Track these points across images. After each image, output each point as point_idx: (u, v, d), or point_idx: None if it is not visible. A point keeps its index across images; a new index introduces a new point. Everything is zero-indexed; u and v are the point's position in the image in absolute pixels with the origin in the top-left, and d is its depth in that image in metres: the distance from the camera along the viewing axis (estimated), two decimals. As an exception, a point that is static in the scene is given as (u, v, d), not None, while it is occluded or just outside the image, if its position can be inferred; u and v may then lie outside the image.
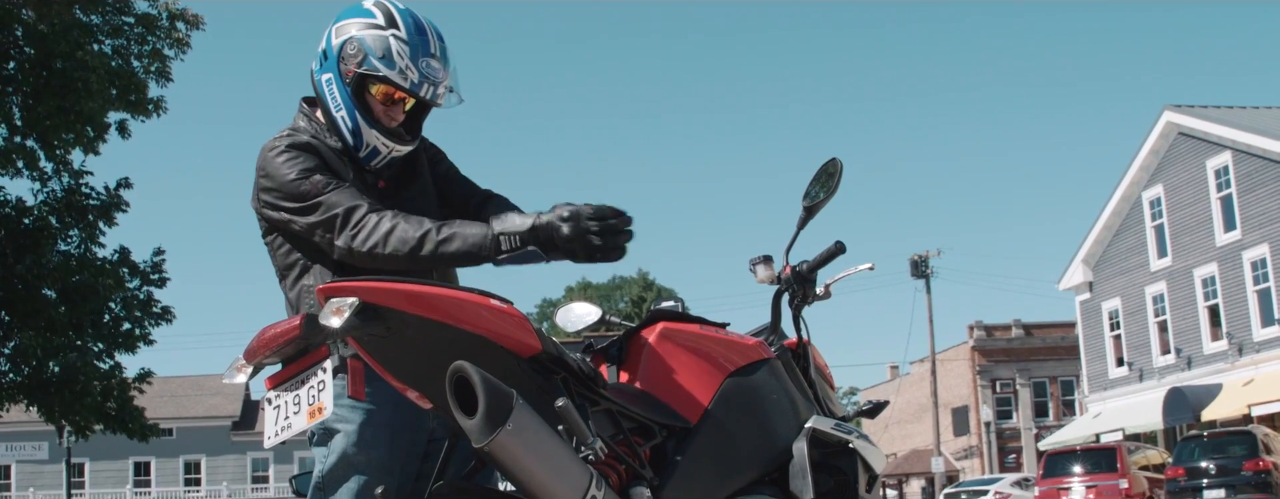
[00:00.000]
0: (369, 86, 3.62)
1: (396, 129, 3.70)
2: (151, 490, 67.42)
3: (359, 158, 3.68)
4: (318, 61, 3.70)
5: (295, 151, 3.58)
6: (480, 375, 2.81)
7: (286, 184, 3.53)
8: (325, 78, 3.66)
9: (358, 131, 3.64)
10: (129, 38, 21.81)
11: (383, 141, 3.66)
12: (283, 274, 3.68)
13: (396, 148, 3.69)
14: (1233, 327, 34.61)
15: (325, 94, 3.67)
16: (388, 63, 3.58)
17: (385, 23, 3.62)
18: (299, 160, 3.56)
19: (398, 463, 3.55)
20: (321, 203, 3.47)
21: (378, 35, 3.59)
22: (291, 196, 3.52)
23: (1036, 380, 58.58)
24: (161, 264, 22.32)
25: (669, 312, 3.79)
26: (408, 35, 3.60)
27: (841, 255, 4.13)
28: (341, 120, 3.65)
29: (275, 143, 3.62)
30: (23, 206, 21.46)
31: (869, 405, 4.56)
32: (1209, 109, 36.69)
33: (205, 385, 66.96)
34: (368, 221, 3.41)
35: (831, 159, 4.11)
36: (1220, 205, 34.94)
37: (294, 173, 3.53)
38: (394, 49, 3.58)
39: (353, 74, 3.61)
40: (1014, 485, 38.64)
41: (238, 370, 3.18)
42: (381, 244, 3.37)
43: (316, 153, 3.60)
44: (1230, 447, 24.92)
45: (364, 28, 3.61)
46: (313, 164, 3.56)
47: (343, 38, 3.63)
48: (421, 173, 3.84)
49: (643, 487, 3.26)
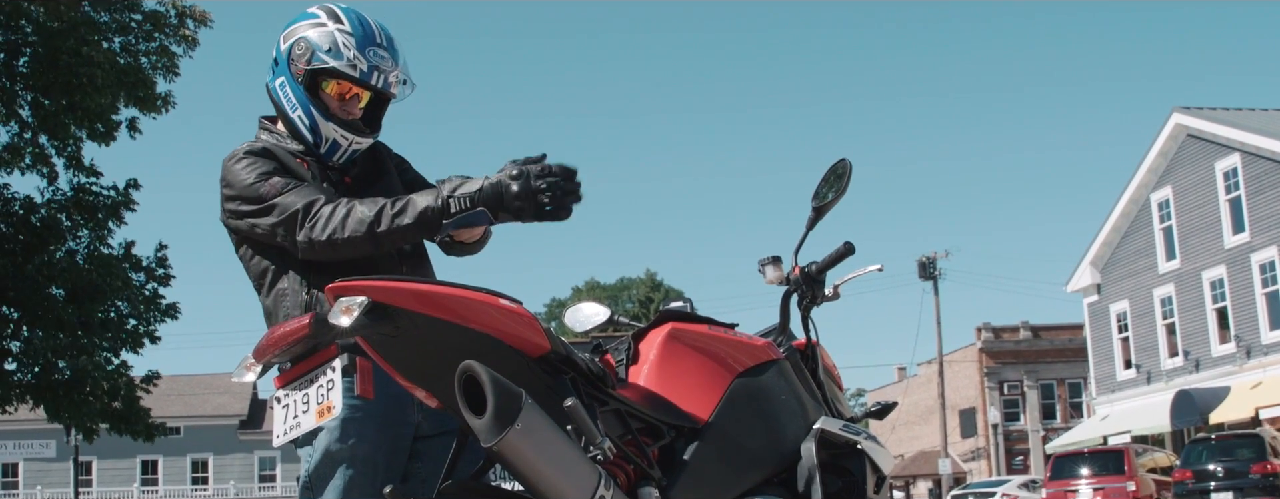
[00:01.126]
0: (322, 85, 3.67)
1: (354, 122, 3.72)
2: (159, 489, 67.54)
3: (321, 155, 3.71)
4: (269, 71, 3.74)
5: (252, 157, 3.61)
6: (489, 375, 2.81)
7: (245, 189, 3.55)
8: (278, 82, 3.70)
9: (315, 128, 3.67)
10: (137, 35, 21.83)
11: (341, 134, 3.68)
12: (257, 284, 3.69)
13: (356, 139, 3.71)
14: (1241, 329, 34.55)
15: (280, 98, 3.71)
16: (335, 55, 3.62)
17: (328, 19, 3.68)
18: (257, 165, 3.59)
19: (383, 457, 3.55)
20: (278, 204, 3.49)
21: (323, 31, 3.65)
22: (250, 200, 3.54)
23: (1044, 382, 58.50)
24: (165, 260, 22.32)
25: (678, 312, 3.79)
26: (352, 28, 3.66)
27: (850, 256, 4.13)
28: (299, 120, 3.68)
29: (233, 153, 3.66)
30: (31, 205, 21.49)
31: (877, 407, 4.56)
32: (1218, 111, 36.63)
33: (213, 384, 67.07)
34: (323, 212, 3.43)
35: (840, 160, 4.11)
36: (1229, 207, 34.88)
37: (252, 177, 3.56)
38: (340, 41, 3.63)
39: (303, 71, 3.65)
40: (1021, 487, 38.60)
41: (247, 369, 3.18)
42: (339, 229, 3.38)
43: (274, 157, 3.62)
44: (1238, 449, 24.90)
45: (309, 28, 3.68)
46: (270, 168, 3.59)
47: (289, 42, 3.69)
48: (387, 170, 3.87)
49: (651, 487, 3.25)
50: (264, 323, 3.68)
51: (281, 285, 3.61)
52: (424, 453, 3.68)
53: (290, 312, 3.57)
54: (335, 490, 3.51)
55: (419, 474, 3.63)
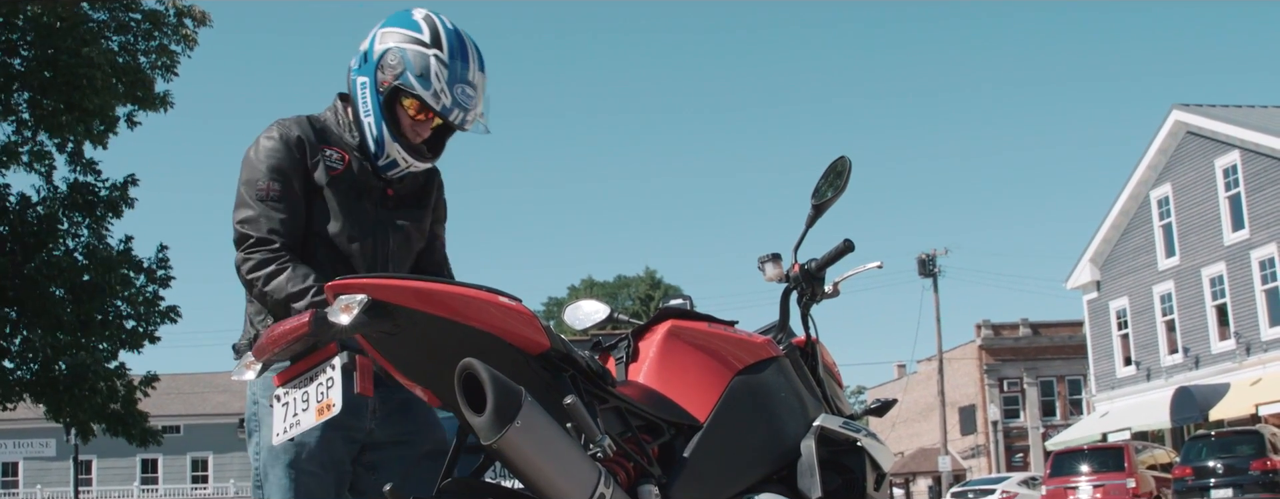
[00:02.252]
0: (401, 99, 3.64)
1: (419, 145, 3.72)
2: (158, 487, 67.57)
3: (376, 164, 3.71)
4: (357, 61, 3.71)
5: (281, 146, 3.63)
6: (489, 373, 2.80)
7: (253, 172, 3.60)
8: (361, 81, 3.68)
9: (381, 141, 3.67)
10: (136, 34, 21.82)
11: (403, 156, 3.69)
12: None
13: (416, 163, 3.72)
14: (1240, 326, 34.55)
15: (357, 96, 3.70)
16: (424, 82, 3.59)
17: (430, 41, 3.62)
18: (278, 156, 3.61)
19: (328, 456, 3.57)
20: (256, 208, 3.56)
21: (420, 52, 3.60)
22: (248, 186, 3.59)
23: (1044, 379, 58.51)
24: (166, 261, 22.30)
25: (677, 309, 3.79)
26: (449, 58, 3.61)
27: (850, 253, 4.13)
28: (368, 127, 3.68)
29: (276, 127, 3.67)
30: (28, 202, 21.47)
31: (877, 404, 4.56)
32: (1217, 108, 36.61)
33: (213, 383, 67.10)
34: (261, 256, 3.51)
35: (840, 157, 4.11)
36: (1228, 204, 34.87)
37: (265, 167, 3.60)
38: (433, 70, 3.59)
39: (388, 85, 3.63)
40: (1021, 484, 38.60)
41: (246, 368, 3.18)
42: (262, 281, 3.47)
43: (302, 151, 3.64)
44: (1238, 446, 24.88)
45: (408, 41, 3.62)
46: (285, 164, 3.61)
47: (386, 46, 3.64)
48: (427, 203, 3.88)
49: (651, 484, 3.25)
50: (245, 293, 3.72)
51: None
52: (381, 464, 3.69)
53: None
54: (283, 489, 3.54)
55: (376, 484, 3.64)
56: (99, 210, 21.56)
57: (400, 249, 3.76)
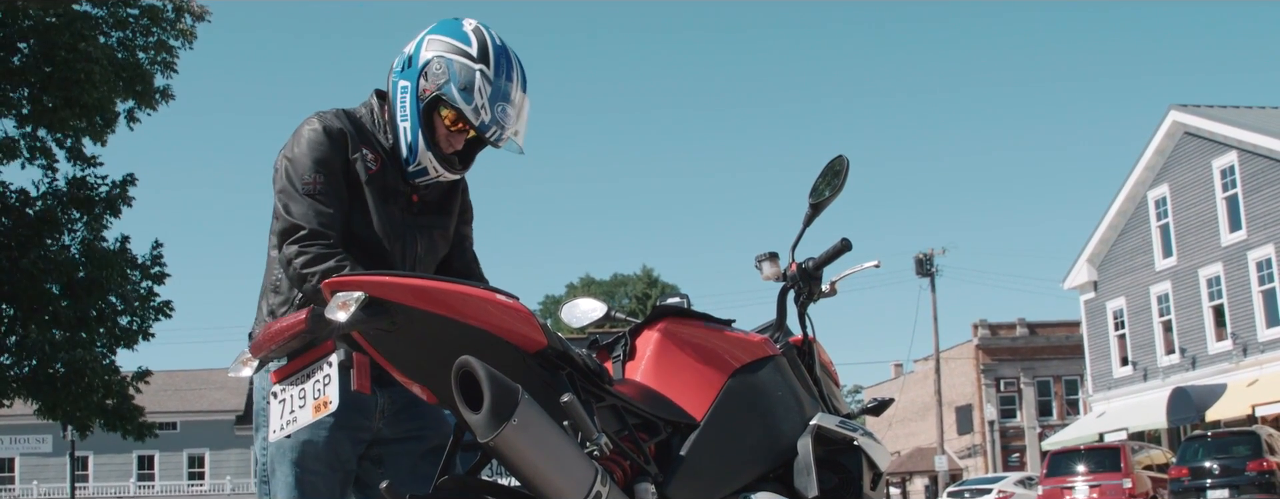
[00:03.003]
0: (440, 109, 3.64)
1: (451, 156, 3.72)
2: (155, 484, 67.54)
3: (405, 169, 3.70)
4: (401, 63, 3.69)
5: (326, 139, 3.60)
6: (486, 370, 2.80)
7: (298, 164, 3.56)
8: (402, 85, 3.67)
9: (415, 148, 3.66)
10: (134, 30, 21.81)
11: (435, 165, 3.68)
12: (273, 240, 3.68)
13: (445, 174, 3.71)
14: (1237, 327, 34.57)
15: (397, 99, 3.68)
16: (467, 97, 3.59)
17: (478, 55, 3.62)
18: (324, 149, 3.58)
19: (339, 456, 3.57)
20: (300, 204, 3.51)
21: (466, 66, 3.60)
22: (293, 177, 3.55)
23: (1041, 379, 58.54)
24: (160, 258, 22.30)
25: (674, 308, 3.78)
26: (494, 75, 3.61)
27: (847, 253, 4.13)
28: (404, 132, 3.67)
29: (317, 119, 3.64)
30: (27, 198, 21.45)
31: (873, 403, 4.56)
32: (1215, 109, 36.62)
33: (209, 379, 67.08)
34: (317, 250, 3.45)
35: (837, 156, 4.11)
36: (1226, 205, 34.89)
37: (311, 159, 3.56)
38: (477, 85, 3.59)
39: (430, 94, 3.62)
40: (1017, 484, 38.60)
41: (243, 364, 3.18)
42: (318, 276, 3.38)
43: (344, 146, 3.61)
44: (1234, 447, 24.91)
45: (455, 52, 3.62)
46: (329, 157, 3.58)
47: (432, 53, 3.64)
48: (452, 210, 3.87)
49: (647, 483, 3.25)
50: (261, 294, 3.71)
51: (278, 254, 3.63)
52: (387, 459, 3.69)
53: (278, 284, 3.63)
54: (288, 486, 3.53)
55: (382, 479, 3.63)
56: (97, 208, 21.56)
57: (427, 254, 3.76)
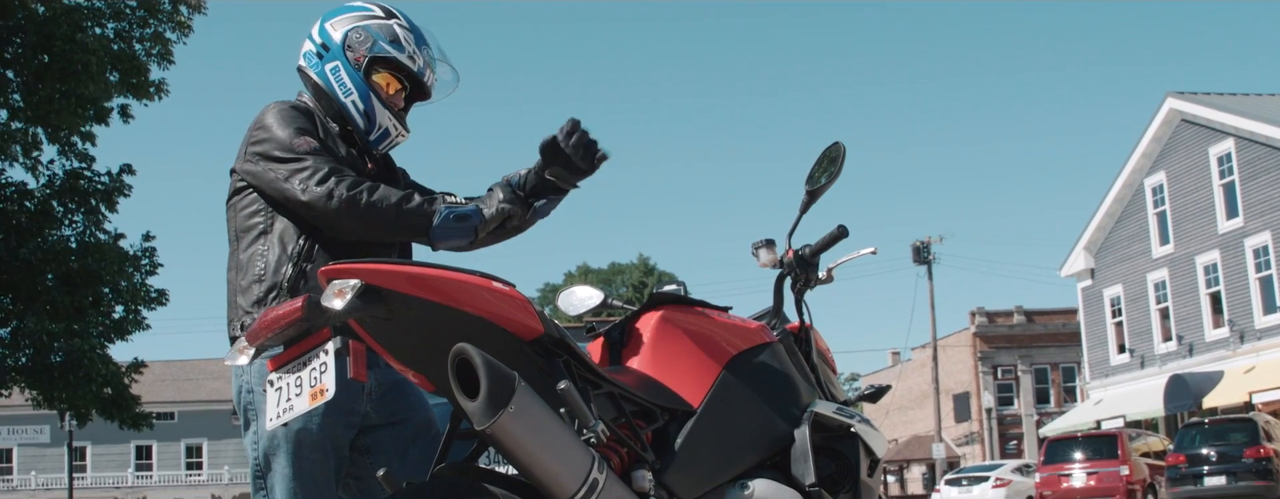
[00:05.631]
0: (373, 74, 3.71)
1: (400, 114, 3.78)
2: (153, 474, 67.58)
3: (367, 141, 3.74)
4: (315, 52, 3.75)
5: (295, 113, 3.66)
6: (483, 358, 2.80)
7: (280, 133, 3.59)
8: (330, 67, 3.72)
9: (373, 114, 3.71)
10: (131, 21, 21.77)
11: (393, 123, 3.74)
12: (238, 236, 3.69)
13: (402, 131, 3.78)
14: (1234, 314, 34.60)
15: (333, 83, 3.72)
16: (397, 47, 3.69)
17: (384, 14, 3.75)
18: (297, 119, 3.63)
19: (333, 444, 3.57)
20: (307, 158, 3.53)
21: (382, 24, 3.71)
22: (282, 147, 3.56)
23: (1038, 367, 58.59)
24: (152, 251, 22.29)
25: (671, 295, 3.78)
26: (409, 25, 3.75)
27: (844, 240, 4.13)
28: (354, 105, 3.71)
29: (276, 104, 3.70)
30: (25, 191, 21.43)
31: (871, 390, 4.56)
32: (1212, 96, 36.61)
33: (207, 369, 67.07)
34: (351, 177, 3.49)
35: (834, 143, 4.10)
36: (1223, 192, 34.90)
37: (291, 128, 3.60)
38: (401, 36, 3.71)
39: (364, 58, 3.69)
40: (1015, 472, 38.59)
41: (240, 353, 3.18)
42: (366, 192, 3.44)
43: (314, 121, 3.67)
44: (1231, 434, 24.94)
45: (365, 18, 3.73)
46: (310, 127, 3.63)
47: (344, 29, 3.72)
48: (396, 176, 3.91)
49: (644, 470, 3.26)
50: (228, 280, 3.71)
51: (260, 247, 3.63)
52: (375, 447, 3.69)
53: (262, 274, 3.60)
54: (286, 477, 3.53)
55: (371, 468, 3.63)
56: (93, 200, 21.54)
57: None
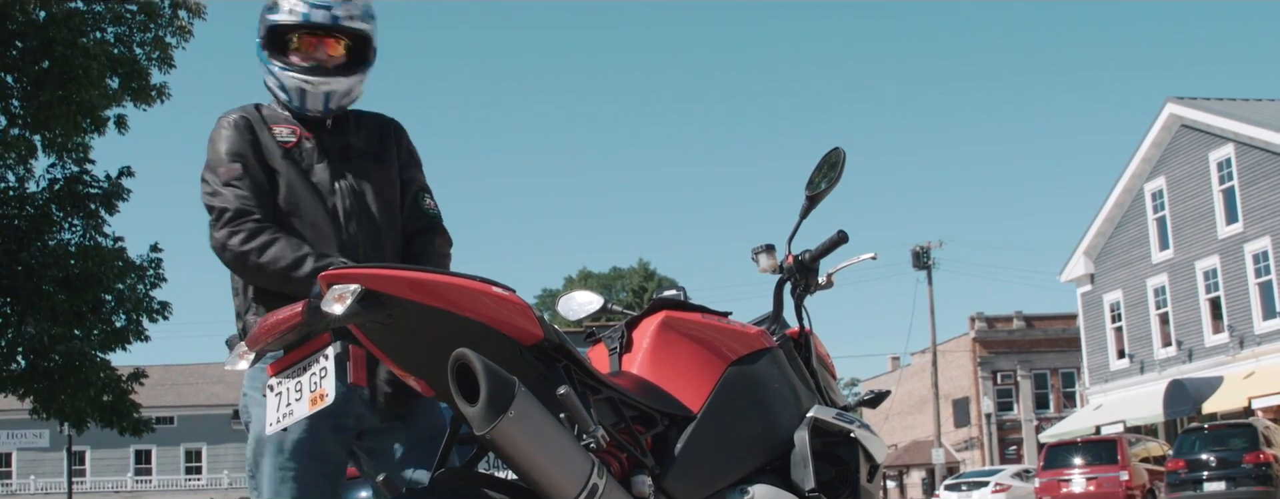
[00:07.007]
0: (288, 46, 3.73)
1: (315, 65, 3.72)
2: (152, 478, 67.51)
3: (306, 108, 3.74)
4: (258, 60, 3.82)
5: (228, 130, 3.69)
6: (483, 363, 2.80)
7: (210, 158, 3.66)
8: (260, 62, 3.78)
9: (282, 85, 3.72)
10: (131, 25, 21.75)
11: (304, 80, 3.70)
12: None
13: (323, 81, 3.71)
14: (1234, 319, 34.58)
15: (264, 75, 3.78)
16: (273, 10, 3.72)
17: None
18: (229, 140, 3.67)
19: (319, 448, 3.54)
20: (224, 192, 3.59)
21: (267, 3, 3.76)
22: (211, 170, 3.65)
23: (1037, 372, 58.57)
24: (158, 263, 22.24)
25: (671, 300, 3.78)
26: None
27: (844, 245, 4.13)
28: (275, 88, 3.75)
29: (221, 118, 3.74)
30: (24, 195, 21.40)
31: (870, 395, 4.56)
32: (1212, 101, 36.61)
33: (206, 373, 67.03)
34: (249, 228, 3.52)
35: (834, 149, 4.11)
36: (1222, 198, 34.88)
37: (220, 150, 3.65)
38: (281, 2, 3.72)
39: (260, 39, 3.74)
40: (1014, 477, 38.60)
41: (239, 357, 3.17)
42: (255, 253, 3.48)
43: (251, 131, 3.68)
44: (1231, 439, 24.92)
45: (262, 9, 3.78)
46: (240, 147, 3.65)
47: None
48: (390, 159, 3.85)
49: (644, 475, 3.25)
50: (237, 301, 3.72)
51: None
52: (377, 451, 3.67)
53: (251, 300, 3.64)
54: (268, 478, 3.52)
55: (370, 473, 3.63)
56: (93, 205, 21.50)
57: (376, 200, 3.74)
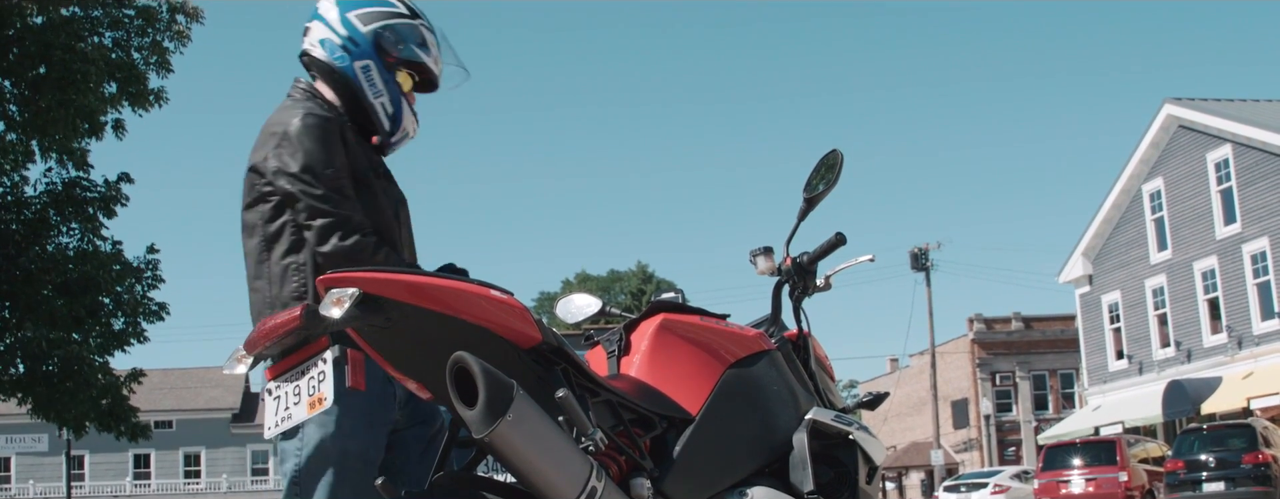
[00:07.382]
0: (396, 74, 3.71)
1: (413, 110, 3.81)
2: (151, 482, 67.48)
3: (388, 142, 3.74)
4: (339, 48, 3.70)
5: (329, 133, 3.57)
6: (481, 366, 2.80)
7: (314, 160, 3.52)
8: (361, 66, 3.68)
9: (399, 118, 3.72)
10: (129, 30, 21.74)
11: (414, 125, 3.77)
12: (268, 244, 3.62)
13: (414, 133, 3.82)
14: (1232, 320, 34.59)
15: (362, 81, 3.69)
16: (426, 51, 3.70)
17: (409, 14, 3.71)
18: (330, 143, 3.56)
19: (374, 454, 3.55)
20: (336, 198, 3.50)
21: (408, 25, 3.69)
22: (315, 174, 3.51)
23: (1036, 373, 58.57)
24: (155, 264, 22.23)
25: (669, 303, 3.78)
26: (431, 27, 3.74)
27: (842, 247, 4.13)
28: (382, 107, 3.71)
29: (310, 114, 3.59)
30: (22, 200, 21.39)
31: (869, 397, 4.56)
32: (1209, 102, 36.63)
33: (205, 377, 67.01)
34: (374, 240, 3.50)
35: (832, 151, 4.11)
36: (1220, 198, 34.90)
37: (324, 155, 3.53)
38: (428, 39, 3.70)
39: (396, 60, 3.68)
40: (1013, 478, 38.60)
41: (238, 361, 3.17)
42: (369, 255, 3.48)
43: (343, 139, 3.61)
44: (1229, 439, 24.93)
45: (392, 17, 3.69)
46: (340, 152, 3.57)
47: (372, 27, 3.68)
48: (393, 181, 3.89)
49: (643, 478, 3.25)
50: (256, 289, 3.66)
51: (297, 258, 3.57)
52: (397, 445, 3.70)
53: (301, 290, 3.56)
54: (327, 486, 3.51)
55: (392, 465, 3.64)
56: (91, 209, 21.49)
57: (408, 219, 3.84)
